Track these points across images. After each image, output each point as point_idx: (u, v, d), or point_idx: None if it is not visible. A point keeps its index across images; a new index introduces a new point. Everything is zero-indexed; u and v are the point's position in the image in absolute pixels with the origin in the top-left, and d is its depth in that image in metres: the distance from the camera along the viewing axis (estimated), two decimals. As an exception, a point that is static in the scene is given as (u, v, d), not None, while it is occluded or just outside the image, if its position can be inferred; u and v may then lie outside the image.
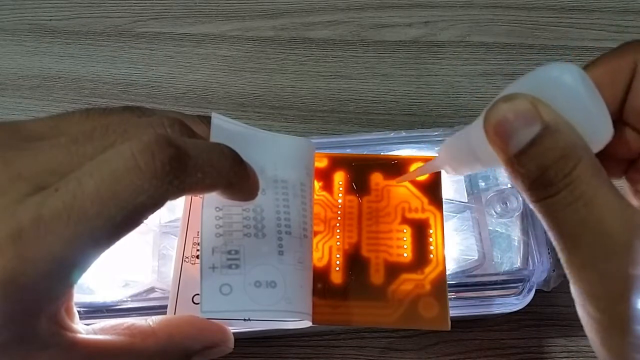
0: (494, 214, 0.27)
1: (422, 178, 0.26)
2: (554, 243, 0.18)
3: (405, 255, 0.25)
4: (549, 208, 0.17)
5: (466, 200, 0.28)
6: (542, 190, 0.17)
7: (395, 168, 0.27)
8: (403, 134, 0.30)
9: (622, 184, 0.21)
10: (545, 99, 0.17)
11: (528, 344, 0.30)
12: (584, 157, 0.17)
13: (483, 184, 0.28)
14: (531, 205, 0.18)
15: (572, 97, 0.17)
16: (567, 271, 0.18)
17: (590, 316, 0.18)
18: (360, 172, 0.27)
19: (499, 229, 0.27)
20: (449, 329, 0.23)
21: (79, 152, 0.17)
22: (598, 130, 0.17)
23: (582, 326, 0.19)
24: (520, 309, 0.26)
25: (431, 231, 0.25)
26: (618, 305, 0.16)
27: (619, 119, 0.19)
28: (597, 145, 0.18)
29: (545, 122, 0.17)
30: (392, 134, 0.30)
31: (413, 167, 0.27)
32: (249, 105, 0.38)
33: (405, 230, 0.26)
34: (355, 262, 0.25)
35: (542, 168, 0.17)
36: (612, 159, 0.20)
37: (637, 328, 0.16)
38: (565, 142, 0.17)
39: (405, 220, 0.26)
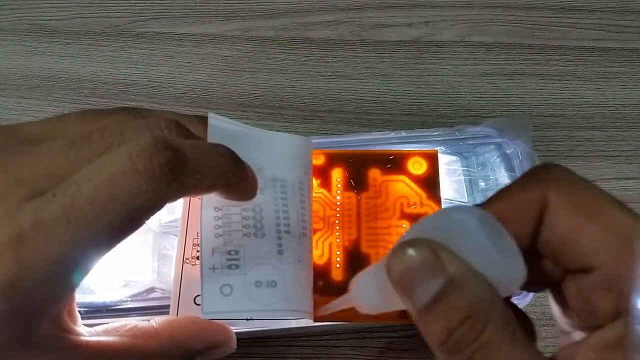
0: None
1: (420, 172, 0.27)
2: None
3: None
4: None
5: (466, 200, 0.28)
6: (451, 356, 0.15)
7: (393, 163, 0.27)
8: (403, 134, 0.30)
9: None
10: (451, 243, 0.16)
11: (528, 344, 0.30)
12: (492, 316, 0.15)
13: (483, 184, 0.28)
14: None
15: (476, 242, 0.16)
16: None
17: None
18: (358, 168, 0.27)
19: (499, 229, 0.27)
20: None
21: (76, 155, 0.17)
22: (510, 274, 0.16)
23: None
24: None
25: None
26: None
27: (534, 251, 0.18)
28: (510, 289, 0.17)
29: (448, 273, 0.15)
30: (392, 134, 0.30)
31: (410, 164, 0.27)
32: (249, 105, 0.38)
33: (404, 226, 0.26)
34: (355, 258, 0.25)
35: (448, 330, 0.15)
36: (531, 285, 0.18)
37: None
38: (471, 299, 0.15)
39: (404, 216, 0.26)
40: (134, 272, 0.26)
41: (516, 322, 0.16)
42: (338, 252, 0.25)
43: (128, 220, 0.16)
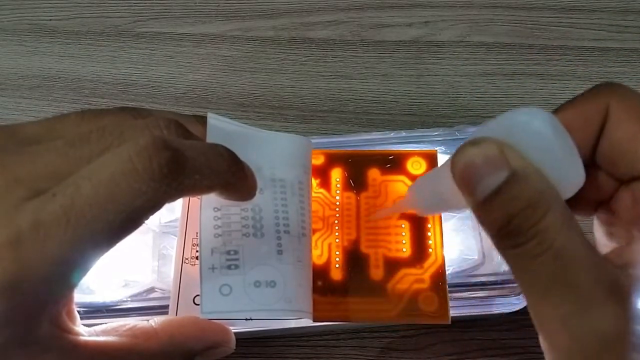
0: (494, 214, 0.27)
1: (419, 172, 0.27)
2: (522, 291, 0.17)
3: (404, 250, 0.25)
4: (516, 258, 0.17)
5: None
6: (509, 240, 0.16)
7: (392, 163, 0.27)
8: (403, 134, 0.30)
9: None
10: (514, 144, 0.16)
11: (528, 344, 0.30)
12: (552, 206, 0.16)
13: (483, 184, 0.28)
14: (498, 252, 0.17)
15: (541, 143, 0.16)
16: (535, 323, 0.17)
17: None
18: (357, 168, 0.27)
19: (498, 229, 0.27)
20: (449, 322, 0.23)
21: (76, 156, 0.17)
22: (569, 177, 0.17)
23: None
24: (520, 309, 0.26)
25: (429, 225, 0.25)
26: None
27: (591, 162, 0.19)
28: (569, 192, 0.17)
29: (512, 168, 0.16)
30: (392, 134, 0.30)
31: (409, 164, 0.27)
32: (249, 105, 0.38)
33: (403, 226, 0.26)
34: (354, 258, 0.25)
35: (508, 216, 0.16)
36: (582, 200, 0.20)
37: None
38: (533, 190, 0.16)
39: (404, 216, 0.26)
40: (133, 272, 0.26)
41: (573, 216, 0.16)
42: (337, 252, 0.25)
43: (127, 221, 0.16)
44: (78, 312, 0.20)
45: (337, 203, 0.26)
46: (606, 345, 0.15)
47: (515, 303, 0.26)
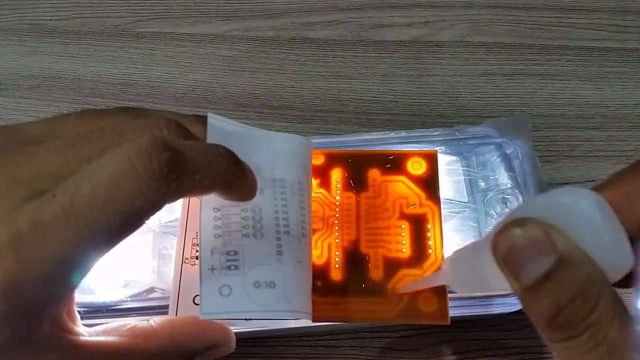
0: (494, 214, 0.27)
1: (419, 172, 0.27)
2: None
3: (404, 250, 0.25)
4: (567, 351, 0.16)
5: (466, 200, 0.28)
6: (560, 332, 0.15)
7: (392, 163, 0.27)
8: (403, 134, 0.30)
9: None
10: (559, 225, 0.16)
11: (528, 344, 0.30)
12: (603, 295, 0.15)
13: (483, 184, 0.28)
14: (547, 343, 0.16)
15: (588, 226, 0.16)
16: None
17: None
18: (357, 168, 0.27)
19: (498, 229, 0.27)
20: (449, 322, 0.23)
21: (76, 156, 0.17)
22: (618, 261, 0.16)
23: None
24: (520, 309, 0.26)
25: (429, 226, 0.25)
26: None
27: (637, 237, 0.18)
28: (617, 276, 0.16)
29: (560, 252, 0.15)
30: (392, 134, 0.30)
31: (409, 164, 0.27)
32: (249, 105, 0.38)
33: (403, 226, 0.26)
34: (354, 258, 0.25)
35: (558, 306, 0.15)
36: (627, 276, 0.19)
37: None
38: (582, 277, 0.15)
39: (403, 216, 0.26)
40: (133, 272, 0.26)
41: (623, 303, 0.16)
42: (337, 253, 0.25)
43: (127, 221, 0.16)
44: (78, 312, 0.20)
45: (337, 203, 0.26)
46: None
47: (515, 303, 0.26)
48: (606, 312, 0.15)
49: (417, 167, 0.27)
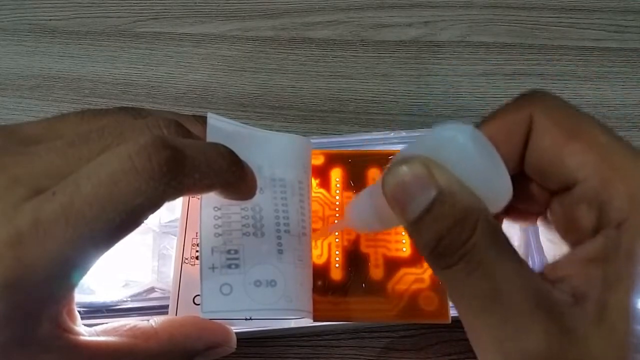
0: (494, 213, 0.27)
1: None
2: (458, 312, 0.17)
3: (404, 249, 0.25)
4: (448, 279, 0.16)
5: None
6: (440, 260, 0.16)
7: None
8: (403, 134, 0.30)
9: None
10: (441, 160, 0.16)
11: (528, 344, 0.30)
12: (480, 223, 0.16)
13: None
14: (434, 273, 0.17)
15: (465, 158, 0.16)
16: (472, 344, 0.17)
17: None
18: (357, 168, 0.27)
19: (498, 229, 0.27)
20: (450, 321, 0.23)
21: (75, 155, 0.17)
22: (497, 191, 0.17)
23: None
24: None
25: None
26: None
27: (521, 174, 0.19)
28: (498, 206, 0.17)
29: (439, 186, 0.16)
30: (392, 134, 0.30)
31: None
32: (249, 105, 0.38)
33: None
34: (354, 258, 0.25)
35: (438, 237, 0.16)
36: (519, 211, 0.20)
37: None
38: (460, 208, 0.16)
39: None
40: (133, 272, 0.26)
41: (503, 231, 0.16)
42: (337, 252, 0.25)
43: (127, 220, 0.16)
44: (78, 312, 0.20)
45: (337, 203, 0.26)
46: None
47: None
48: (481, 239, 0.16)
49: (417, 166, 0.27)
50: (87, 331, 0.20)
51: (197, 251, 0.24)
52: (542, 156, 0.18)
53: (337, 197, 0.26)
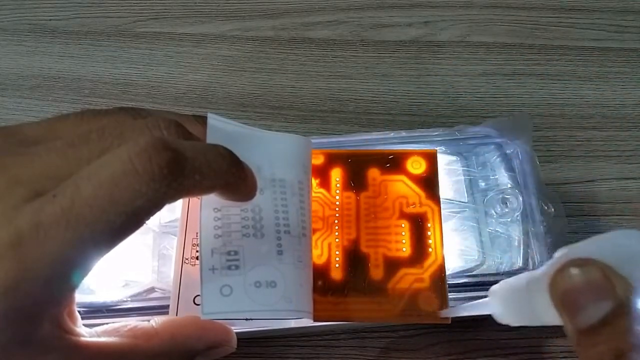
0: (494, 214, 0.27)
1: (419, 172, 0.27)
2: None
3: (404, 250, 0.25)
4: None
5: (466, 200, 0.28)
6: None
7: (392, 163, 0.27)
8: (403, 134, 0.30)
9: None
10: (620, 268, 0.16)
11: (528, 344, 0.30)
12: None
13: (483, 184, 0.28)
14: None
15: None
16: None
17: None
18: (357, 168, 0.27)
19: (499, 229, 0.27)
20: (450, 322, 0.23)
21: (75, 156, 0.17)
22: None
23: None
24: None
25: (429, 225, 0.26)
26: None
27: None
28: None
29: (619, 298, 0.15)
30: (392, 134, 0.30)
31: (409, 163, 0.27)
32: (249, 105, 0.38)
33: (403, 225, 0.26)
34: (354, 258, 0.25)
35: (617, 353, 0.15)
36: None
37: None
38: None
39: (403, 215, 0.26)
40: (134, 272, 0.26)
41: None
42: (337, 252, 0.25)
43: (128, 221, 0.16)
44: (78, 312, 0.20)
45: (337, 203, 0.26)
46: None
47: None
48: None
49: (416, 166, 0.27)
50: (88, 332, 0.20)
51: (197, 251, 0.24)
52: None
53: (337, 197, 0.27)
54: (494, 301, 0.21)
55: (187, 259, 0.24)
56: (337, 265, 0.25)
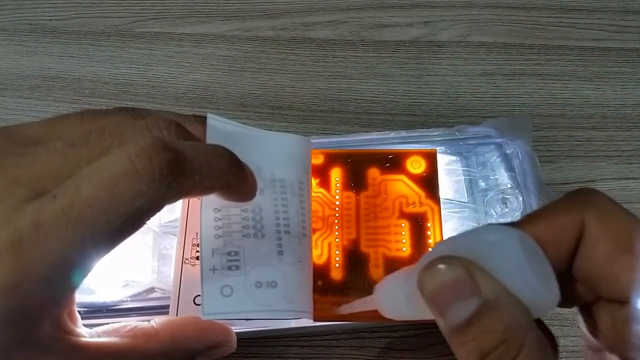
0: (494, 214, 0.27)
1: (419, 171, 0.27)
2: None
3: (404, 249, 0.25)
4: None
5: (466, 200, 0.28)
6: None
7: (392, 162, 0.27)
8: (403, 134, 0.30)
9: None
10: (484, 264, 0.15)
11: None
12: (527, 341, 0.15)
13: (483, 184, 0.28)
14: None
15: (512, 264, 0.15)
16: None
17: None
18: (357, 167, 0.27)
19: (498, 229, 0.27)
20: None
21: (75, 157, 0.17)
22: (543, 298, 0.16)
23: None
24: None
25: (429, 225, 0.26)
26: None
27: (567, 273, 0.18)
28: (542, 311, 0.16)
29: (483, 296, 0.15)
30: (392, 134, 0.30)
31: (409, 163, 0.27)
32: (249, 105, 0.38)
33: (403, 225, 0.26)
34: (354, 258, 0.25)
35: (482, 353, 0.15)
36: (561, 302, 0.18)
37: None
38: (506, 323, 0.15)
39: (403, 215, 0.26)
40: (134, 272, 0.26)
41: (549, 347, 0.16)
42: (337, 252, 0.25)
43: (128, 222, 0.16)
44: (78, 312, 0.20)
45: (337, 203, 0.26)
46: None
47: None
48: (529, 358, 0.15)
49: (416, 166, 0.27)
50: (88, 332, 0.20)
51: (197, 251, 0.24)
52: (593, 265, 0.17)
53: (337, 197, 0.27)
54: (378, 298, 0.21)
55: (187, 259, 0.24)
56: (337, 265, 0.25)
